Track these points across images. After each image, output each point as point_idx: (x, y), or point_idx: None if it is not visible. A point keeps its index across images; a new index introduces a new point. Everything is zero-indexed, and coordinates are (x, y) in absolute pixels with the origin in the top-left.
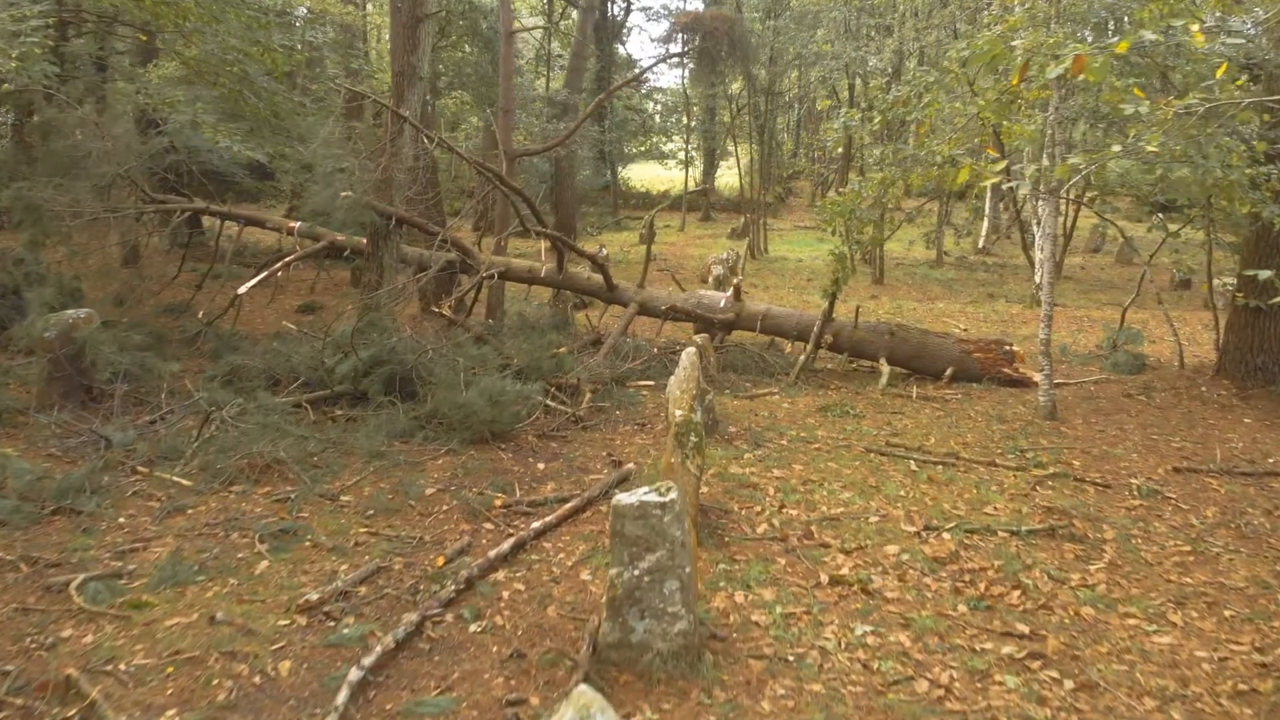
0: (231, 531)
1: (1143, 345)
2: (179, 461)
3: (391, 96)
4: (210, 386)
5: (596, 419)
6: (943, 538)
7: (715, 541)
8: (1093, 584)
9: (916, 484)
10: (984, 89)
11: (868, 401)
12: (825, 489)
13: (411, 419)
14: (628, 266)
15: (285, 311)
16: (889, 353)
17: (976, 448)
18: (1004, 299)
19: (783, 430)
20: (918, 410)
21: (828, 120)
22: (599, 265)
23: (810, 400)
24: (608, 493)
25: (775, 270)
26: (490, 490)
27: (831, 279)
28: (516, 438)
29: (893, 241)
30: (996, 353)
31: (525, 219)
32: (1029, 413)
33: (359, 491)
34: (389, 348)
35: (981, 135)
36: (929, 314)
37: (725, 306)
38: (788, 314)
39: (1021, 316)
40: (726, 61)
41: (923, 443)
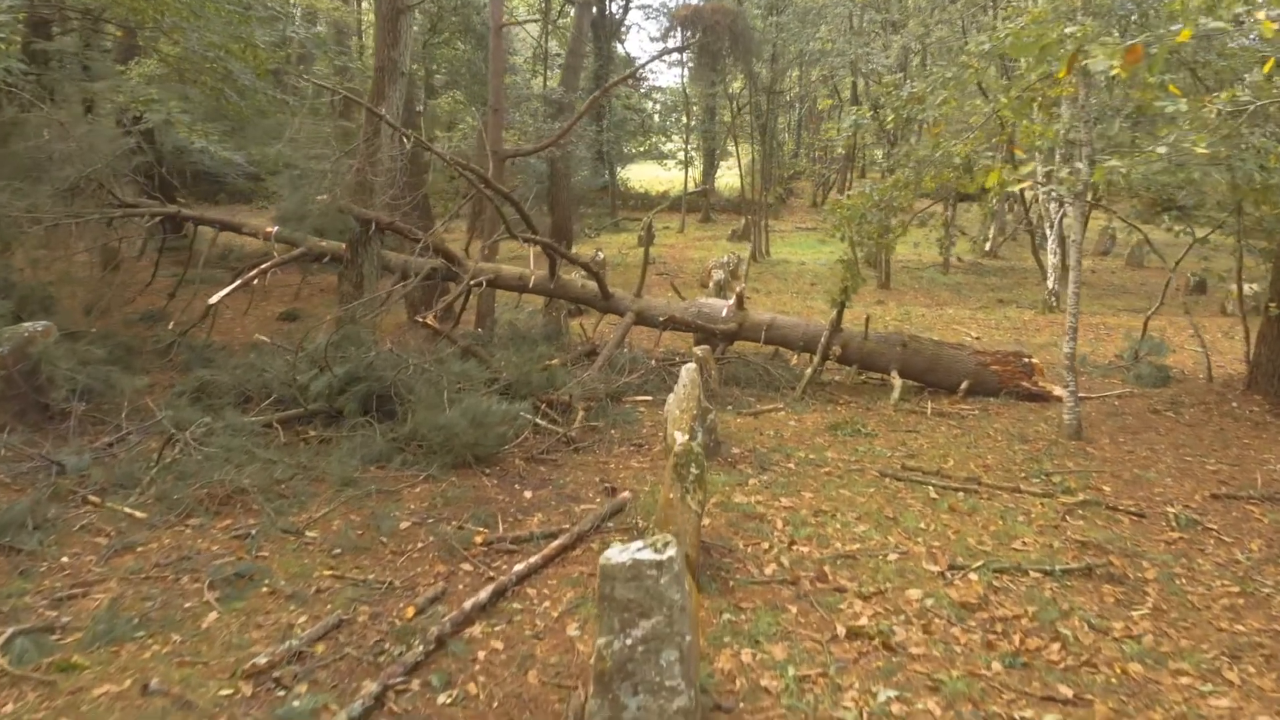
0: (182, 574)
1: (1166, 356)
2: (135, 490)
3: (372, 93)
4: (177, 404)
5: (589, 439)
6: (970, 579)
7: (719, 586)
8: (1138, 634)
9: (937, 514)
10: (1004, 86)
11: (880, 418)
12: (838, 521)
13: (389, 441)
14: (626, 270)
15: (267, 319)
16: (901, 365)
17: (999, 471)
18: (1015, 304)
19: (790, 451)
20: (934, 428)
21: (829, 120)
22: (593, 272)
23: (818, 417)
24: (600, 526)
25: (777, 274)
26: (471, 524)
27: (840, 287)
28: (502, 461)
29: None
30: (1015, 365)
31: (512, 224)
32: (1052, 431)
33: (327, 525)
34: (366, 363)
35: (1000, 135)
36: (938, 321)
37: (727, 316)
38: (793, 324)
39: (1034, 323)
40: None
41: (941, 466)
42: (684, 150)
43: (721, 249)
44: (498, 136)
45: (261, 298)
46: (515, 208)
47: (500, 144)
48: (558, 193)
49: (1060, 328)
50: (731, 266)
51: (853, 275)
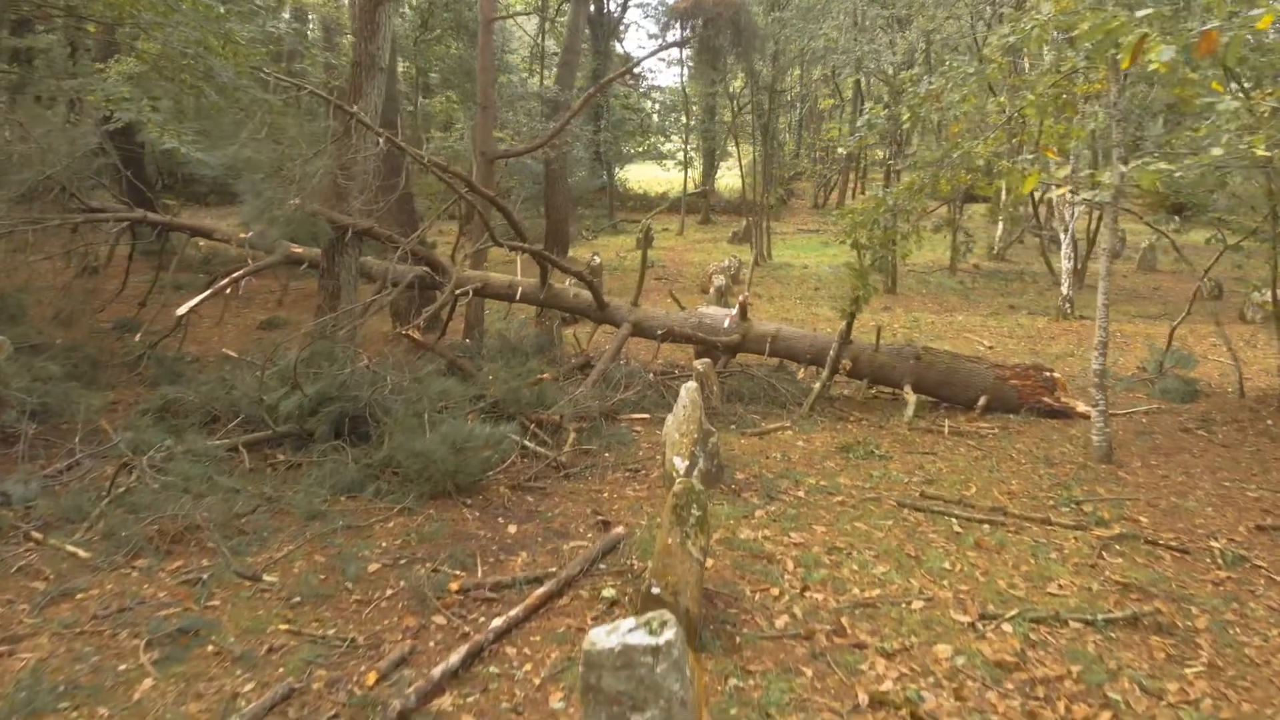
0: (121, 628)
1: (1193, 368)
2: (82, 524)
3: (348, 89)
4: (138, 424)
5: (581, 464)
6: (1004, 631)
7: (724, 644)
8: (1195, 697)
9: (962, 551)
10: (1023, 82)
11: (894, 438)
12: (855, 560)
13: (362, 467)
14: (624, 274)
15: (247, 328)
16: (915, 379)
17: (1025, 499)
18: (1026, 310)
19: (799, 477)
20: (952, 449)
21: (831, 120)
22: (587, 281)
23: (828, 437)
24: (591, 568)
25: (780, 278)
26: (447, 566)
27: (850, 298)
28: (486, 490)
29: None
30: (1035, 379)
31: (499, 229)
32: (1079, 452)
33: (287, 568)
34: (339, 381)
35: (1019, 135)
36: (949, 329)
37: (730, 327)
38: (800, 335)
39: (1049, 331)
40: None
41: (963, 493)
42: (683, 150)
43: (722, 252)
44: (487, 136)
45: (243, 304)
46: (502, 212)
47: (490, 144)
48: (553, 194)
49: (1076, 335)
50: (733, 271)
51: (864, 284)
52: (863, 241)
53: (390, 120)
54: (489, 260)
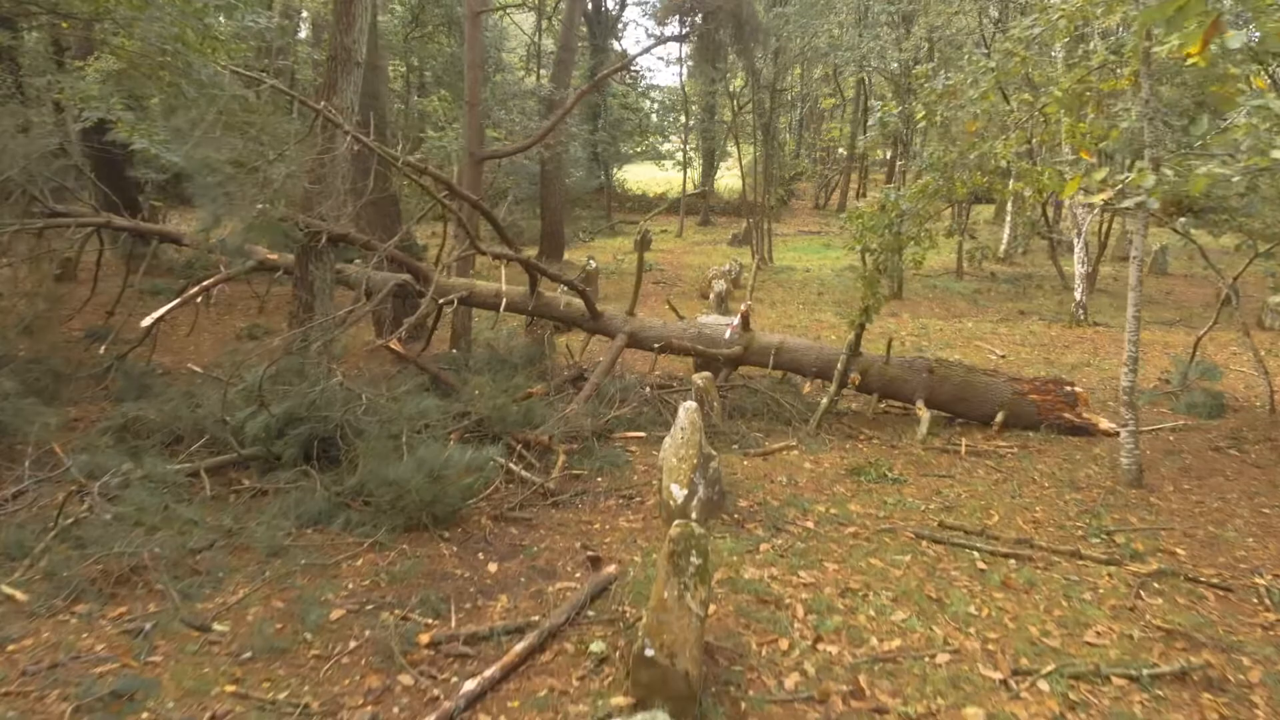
0: (51, 688)
1: (1220, 380)
2: (23, 561)
3: (323, 85)
4: (96, 445)
5: (571, 490)
6: (1040, 690)
7: (728, 710)
8: None
9: (988, 591)
10: (1055, 76)
11: (907, 459)
12: (871, 605)
13: (332, 495)
14: (621, 278)
15: (226, 336)
16: (928, 394)
17: (1052, 529)
18: (1037, 316)
19: (807, 505)
20: (970, 471)
21: (832, 120)
22: (579, 290)
23: (837, 457)
24: (579, 615)
25: (782, 282)
26: (418, 613)
27: (860, 308)
28: (465, 521)
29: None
30: (1055, 394)
31: (483, 236)
32: (1106, 475)
33: (241, 615)
34: (309, 400)
35: (1040, 134)
36: (958, 336)
37: (731, 338)
38: (806, 346)
39: (1062, 339)
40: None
41: (984, 522)
42: (682, 150)
43: (722, 254)
44: (476, 135)
45: (224, 311)
46: (485, 217)
47: (479, 144)
48: (548, 196)
49: (1091, 343)
50: (733, 275)
51: (873, 293)
52: (872, 247)
53: (379, 118)
54: (476, 267)
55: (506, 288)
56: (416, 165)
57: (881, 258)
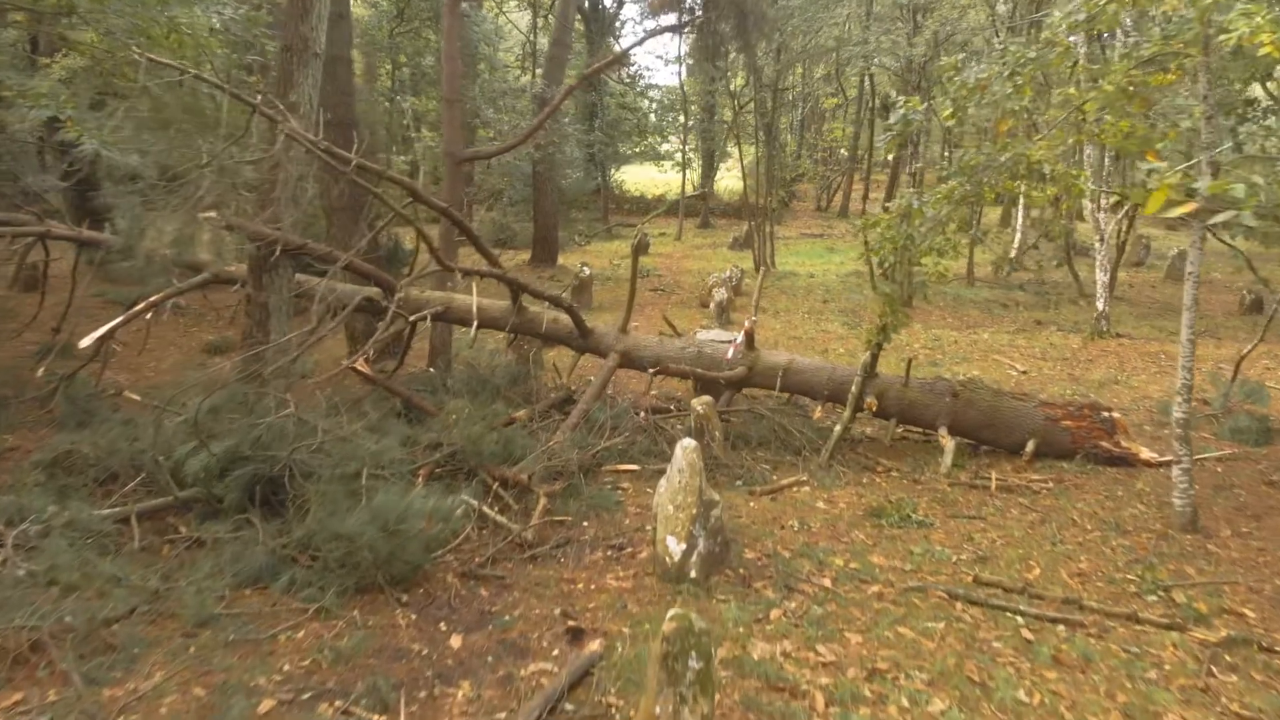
0: None
1: (1267, 403)
2: None
3: (278, 79)
4: (24, 482)
5: (553, 537)
6: None
7: None
8: None
9: (1038, 670)
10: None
11: (932, 496)
12: (904, 691)
13: (276, 549)
14: (616, 284)
15: (192, 350)
16: (951, 419)
17: (1101, 583)
18: (1055, 327)
19: (823, 556)
20: (1002, 512)
21: (835, 120)
22: (566, 307)
23: (853, 495)
24: (553, 711)
25: (785, 289)
26: (363, 704)
27: (877, 326)
28: (428, 579)
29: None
30: (1091, 421)
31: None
32: (1155, 516)
33: (154, 708)
34: (254, 437)
35: (1077, 135)
36: (974, 349)
37: (734, 358)
38: (816, 367)
39: (1085, 353)
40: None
41: (1024, 576)
42: (681, 151)
43: (722, 258)
44: (455, 134)
45: (193, 322)
46: (457, 225)
47: (458, 143)
48: (541, 198)
49: (1116, 357)
50: (735, 282)
51: (893, 311)
52: (891, 259)
53: (345, 118)
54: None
55: (486, 302)
56: (372, 168)
57: (901, 270)
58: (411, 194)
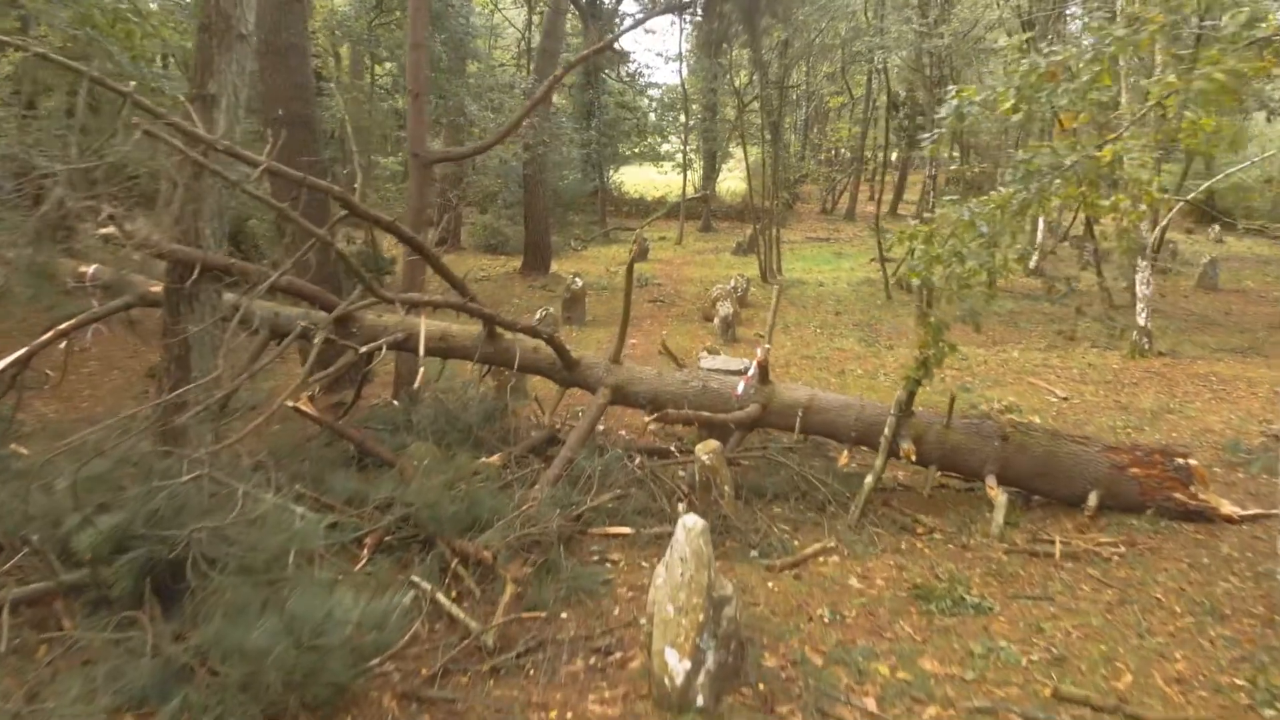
0: None
1: None
2: None
3: (196, 66)
4: None
5: (521, 639)
6: None
7: None
8: None
9: None
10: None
11: (986, 567)
12: None
13: (170, 657)
14: (612, 295)
15: (136, 374)
16: (1000, 466)
17: (1205, 691)
18: (1088, 342)
19: (862, 662)
20: (1072, 588)
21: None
22: (546, 338)
23: (890, 566)
24: None
25: (794, 299)
26: None
27: (918, 362)
28: (359, 701)
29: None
30: (1163, 468)
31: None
32: (1252, 592)
33: None
34: (149, 511)
35: (1153, 133)
36: (1005, 369)
37: (745, 394)
38: (842, 404)
39: (1128, 373)
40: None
41: (1113, 685)
42: (682, 152)
43: (725, 265)
44: (420, 132)
45: (142, 342)
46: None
47: (424, 143)
48: (532, 202)
49: (1164, 380)
50: (740, 293)
51: (936, 342)
52: (938, 282)
53: (302, 115)
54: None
55: (455, 328)
56: (291, 174)
57: (949, 290)
58: (345, 205)
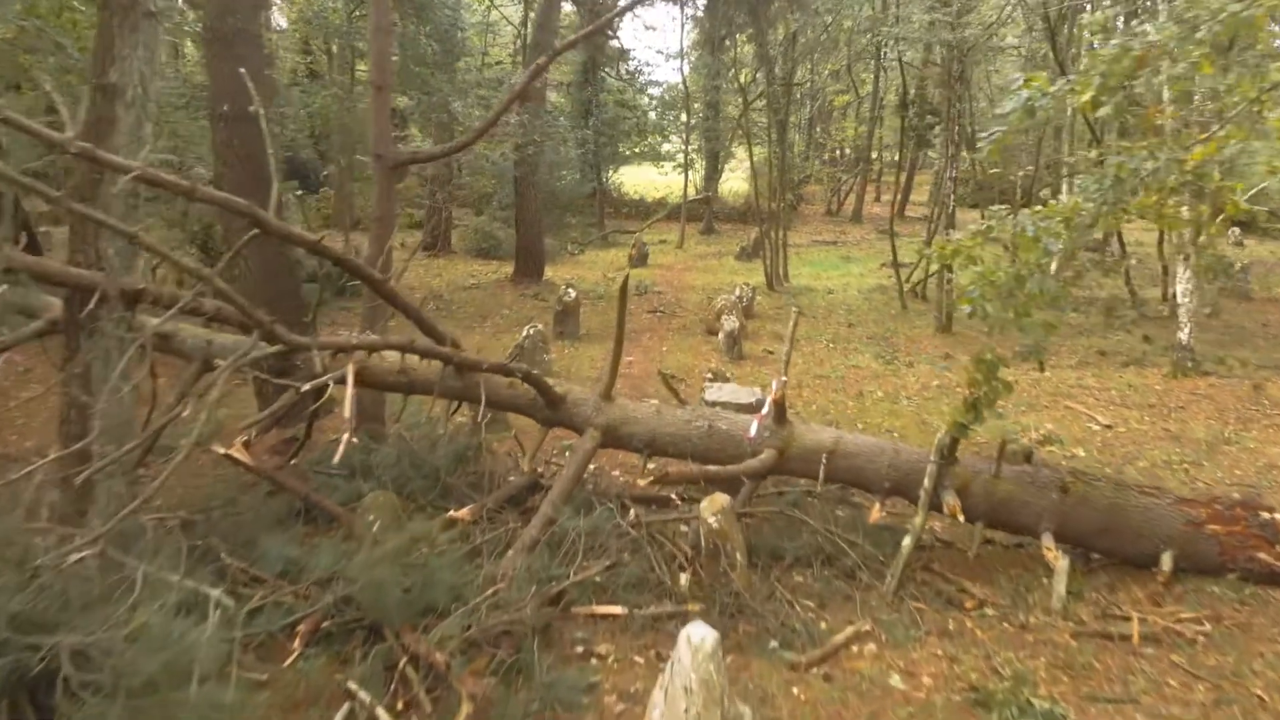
0: None
1: None
2: None
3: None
4: None
5: None
6: None
7: None
8: None
9: None
10: None
11: (1051, 656)
12: None
13: None
14: (609, 305)
15: None
16: (1058, 523)
17: None
18: (1122, 357)
19: None
20: (1157, 684)
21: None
22: (524, 375)
23: (940, 658)
24: None
25: (803, 308)
26: None
27: (966, 404)
28: None
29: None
30: (1246, 524)
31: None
32: None
33: None
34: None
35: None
36: (1038, 391)
37: (760, 435)
38: (873, 449)
39: (1173, 395)
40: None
41: None
42: (684, 152)
43: (729, 270)
44: (385, 130)
45: None
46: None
47: (389, 143)
48: (524, 205)
49: (1213, 403)
50: (745, 303)
51: (990, 381)
52: (996, 312)
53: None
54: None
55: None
56: (173, 184)
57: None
58: (253, 221)
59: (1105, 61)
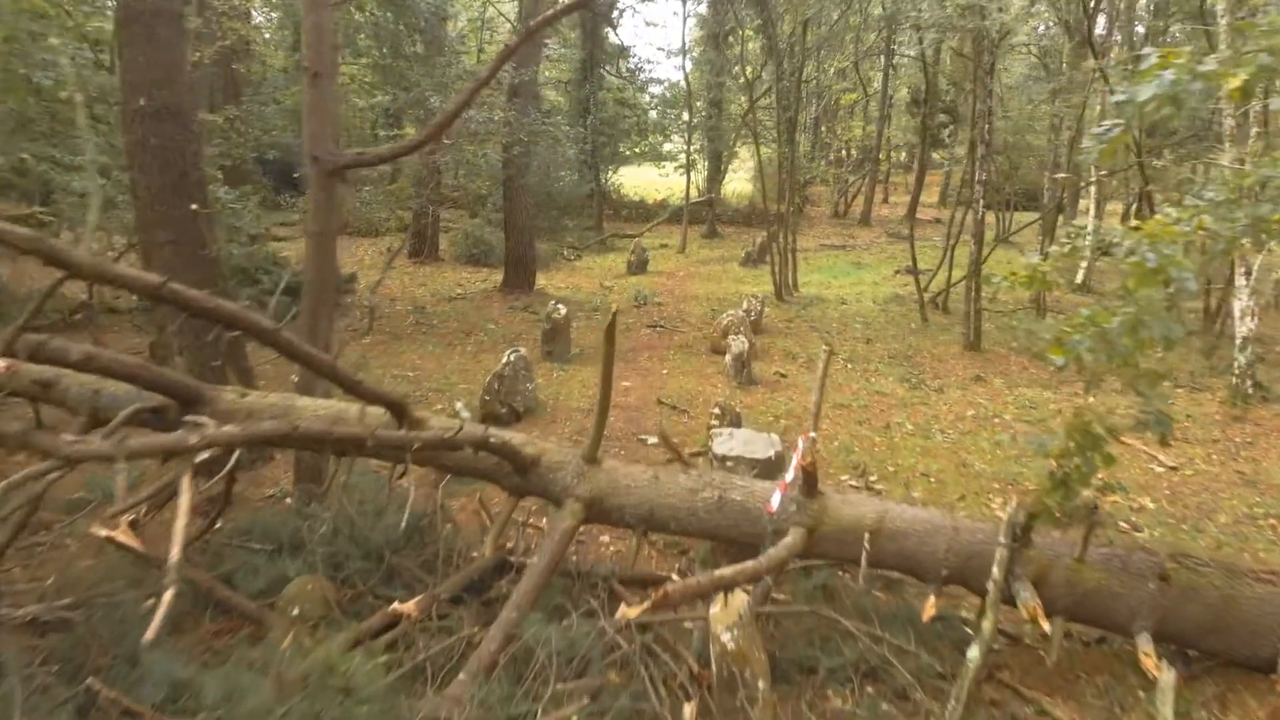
0: None
1: None
2: None
3: None
4: None
5: None
6: None
7: None
8: None
9: None
10: None
11: None
12: None
13: None
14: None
15: None
16: (1157, 620)
17: None
18: (1168, 381)
19: None
20: None
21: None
22: (481, 443)
23: None
24: None
25: (814, 321)
26: None
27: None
28: None
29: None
30: None
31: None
32: None
33: None
34: None
35: None
36: None
37: (783, 511)
38: (927, 526)
39: (1237, 431)
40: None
41: None
42: (685, 152)
43: (733, 278)
44: (323, 129)
45: None
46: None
47: (327, 143)
48: (513, 209)
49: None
50: (754, 317)
51: (1087, 453)
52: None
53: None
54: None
55: (355, 410)
56: None
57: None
58: (49, 260)
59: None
